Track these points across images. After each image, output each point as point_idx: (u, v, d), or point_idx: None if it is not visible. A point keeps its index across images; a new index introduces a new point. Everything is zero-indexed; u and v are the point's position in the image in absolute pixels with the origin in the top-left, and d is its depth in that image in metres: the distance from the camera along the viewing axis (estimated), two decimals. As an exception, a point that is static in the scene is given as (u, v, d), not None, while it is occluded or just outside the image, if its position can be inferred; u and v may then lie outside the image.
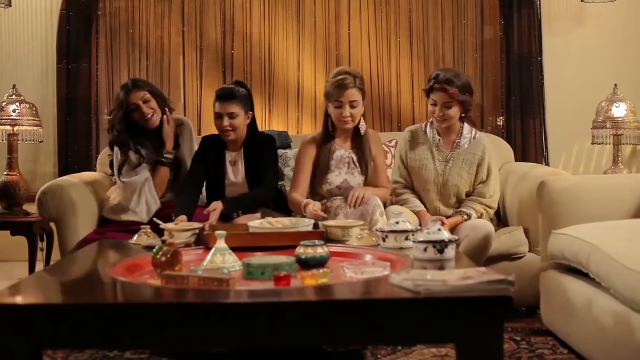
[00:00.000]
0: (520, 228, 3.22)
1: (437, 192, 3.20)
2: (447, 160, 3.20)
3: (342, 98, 3.11)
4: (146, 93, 3.26)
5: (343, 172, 3.21)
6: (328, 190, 3.20)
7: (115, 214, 3.29)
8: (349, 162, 3.21)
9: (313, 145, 3.24)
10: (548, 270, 2.81)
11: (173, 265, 2.15)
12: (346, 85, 3.09)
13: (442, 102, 3.11)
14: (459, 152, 3.20)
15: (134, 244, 2.66)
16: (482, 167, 3.18)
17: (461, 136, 3.22)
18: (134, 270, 2.20)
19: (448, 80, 3.08)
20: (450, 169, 3.19)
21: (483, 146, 3.21)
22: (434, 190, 3.20)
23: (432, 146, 3.22)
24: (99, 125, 4.43)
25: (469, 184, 3.19)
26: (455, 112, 3.14)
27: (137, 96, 3.25)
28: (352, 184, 3.20)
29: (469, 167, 3.18)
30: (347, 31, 4.48)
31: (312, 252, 2.20)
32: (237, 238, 2.48)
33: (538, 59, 4.37)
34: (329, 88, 3.17)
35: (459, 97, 3.09)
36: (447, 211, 3.22)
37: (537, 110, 4.33)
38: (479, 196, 3.17)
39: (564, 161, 4.44)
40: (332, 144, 3.21)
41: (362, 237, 2.58)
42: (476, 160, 3.19)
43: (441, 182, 3.19)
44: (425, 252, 2.22)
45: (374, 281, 1.98)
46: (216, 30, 4.46)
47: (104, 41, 4.46)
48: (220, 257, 2.25)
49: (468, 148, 3.21)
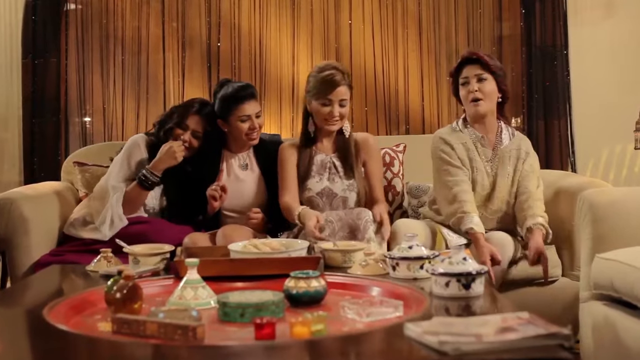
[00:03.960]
0: (552, 247, 2.95)
1: (486, 197, 2.91)
2: (491, 159, 2.94)
3: (331, 96, 2.96)
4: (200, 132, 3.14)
5: (324, 178, 3.05)
6: (308, 198, 3.02)
7: (75, 228, 3.06)
8: (330, 167, 3.06)
9: (293, 149, 3.10)
10: (590, 301, 2.53)
11: (131, 301, 1.91)
12: (336, 82, 2.96)
13: (474, 74, 2.90)
14: (502, 149, 2.94)
15: (91, 271, 2.44)
16: (526, 163, 2.92)
17: (501, 133, 2.97)
18: (83, 308, 1.98)
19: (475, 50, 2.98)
20: (498, 169, 2.92)
21: (526, 141, 3.01)
22: (483, 196, 2.91)
23: (476, 143, 2.94)
24: (68, 127, 4.25)
25: (515, 186, 2.91)
26: (491, 88, 2.90)
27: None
28: (334, 190, 3.02)
29: (515, 165, 2.92)
30: (348, 21, 4.36)
31: (305, 287, 1.96)
32: (213, 265, 2.23)
33: (563, 52, 4.21)
34: (315, 84, 3.00)
35: (492, 63, 2.89)
36: (489, 221, 2.90)
37: (561, 109, 4.19)
38: (525, 190, 2.86)
39: (592, 168, 4.27)
40: (311, 148, 3.08)
41: (366, 264, 2.30)
42: (522, 155, 2.93)
43: (490, 184, 2.91)
44: (447, 287, 1.95)
45: (383, 332, 1.67)
46: (200, 21, 4.34)
47: (74, 33, 4.30)
48: (191, 291, 2.01)
49: (510, 144, 2.96)
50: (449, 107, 4.27)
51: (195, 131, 3.10)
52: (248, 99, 3.04)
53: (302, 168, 3.04)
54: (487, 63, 2.87)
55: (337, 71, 2.97)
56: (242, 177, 3.12)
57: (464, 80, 2.91)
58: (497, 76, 2.89)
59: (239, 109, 3.02)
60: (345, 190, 3.01)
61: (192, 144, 3.10)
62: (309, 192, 3.02)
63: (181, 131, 3.08)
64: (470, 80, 2.88)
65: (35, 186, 3.33)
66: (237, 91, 3.06)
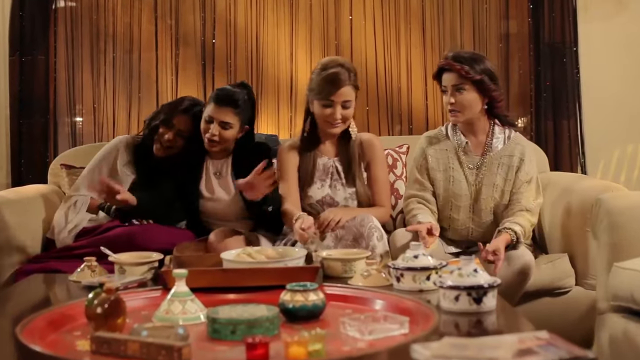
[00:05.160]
0: (565, 256, 2.85)
1: (469, 208, 2.78)
2: (477, 166, 2.78)
3: (333, 96, 2.78)
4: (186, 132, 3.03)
5: (326, 185, 2.89)
6: (308, 205, 2.89)
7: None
8: (332, 172, 2.90)
9: (293, 151, 2.93)
10: (608, 313, 2.43)
11: (114, 317, 1.81)
12: (340, 82, 2.78)
13: (451, 84, 2.71)
14: (491, 156, 2.78)
15: (74, 281, 2.33)
16: (522, 172, 2.75)
17: (492, 136, 2.80)
18: (61, 323, 1.87)
19: (455, 57, 2.70)
20: (483, 178, 2.76)
21: (521, 147, 2.79)
22: (465, 207, 2.77)
23: (459, 150, 2.80)
24: (57, 127, 4.12)
25: (507, 197, 2.77)
26: (469, 98, 2.70)
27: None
28: (335, 198, 2.87)
29: (506, 174, 2.76)
30: (349, 17, 4.25)
31: (302, 300, 1.86)
32: (204, 276, 2.16)
33: (573, 49, 4.07)
34: (317, 82, 2.83)
35: (470, 75, 2.66)
36: (479, 234, 2.80)
37: (571, 109, 4.05)
38: (517, 203, 2.72)
39: (602, 169, 4.19)
40: (314, 152, 2.91)
41: (368, 275, 2.18)
42: (514, 163, 2.76)
43: (473, 194, 2.77)
44: (456, 301, 1.85)
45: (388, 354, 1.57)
46: (194, 17, 4.22)
47: (64, 29, 4.17)
48: (179, 305, 1.92)
49: (502, 150, 2.79)
50: (453, 106, 4.15)
51: (181, 131, 2.99)
52: (219, 102, 2.85)
53: (304, 173, 2.90)
54: (463, 75, 2.68)
55: (342, 69, 2.80)
56: (214, 184, 2.97)
57: (444, 88, 2.76)
58: (479, 83, 2.71)
59: (208, 108, 2.88)
60: (347, 199, 2.87)
61: (176, 143, 2.99)
62: (309, 199, 2.88)
63: (165, 129, 2.98)
64: (447, 90, 2.73)
65: (18, 189, 3.25)
66: (218, 90, 2.94)
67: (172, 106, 3.05)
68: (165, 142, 2.97)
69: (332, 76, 2.77)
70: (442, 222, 2.77)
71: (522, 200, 2.71)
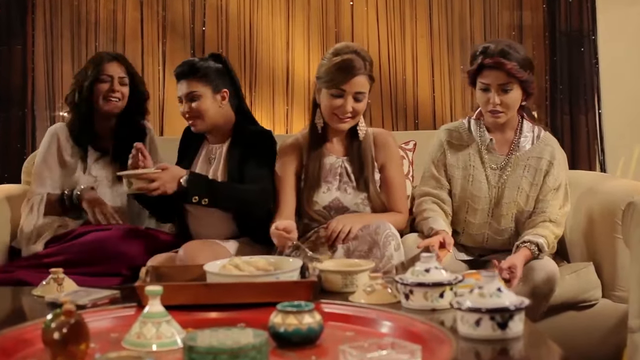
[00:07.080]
0: (590, 265, 2.73)
1: (488, 213, 2.64)
2: (501, 167, 2.65)
3: (345, 86, 2.57)
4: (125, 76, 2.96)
5: (333, 188, 2.69)
6: (314, 212, 2.70)
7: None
8: (340, 173, 2.70)
9: (295, 151, 2.73)
10: None
11: (74, 343, 1.63)
12: (354, 69, 2.57)
13: (497, 83, 2.56)
14: (518, 156, 2.65)
15: (37, 296, 2.15)
16: (550, 177, 2.63)
17: (520, 133, 2.68)
18: (16, 349, 1.71)
19: (503, 52, 2.55)
20: (507, 180, 2.63)
21: (551, 148, 2.68)
22: (483, 211, 2.64)
23: (482, 148, 2.66)
24: (35, 122, 4.07)
25: (531, 203, 2.63)
26: (516, 97, 2.59)
27: (115, 69, 2.93)
28: (345, 203, 2.66)
29: (533, 177, 2.63)
30: (350, 3, 4.20)
31: (296, 323, 1.69)
32: (184, 291, 1.96)
33: (591, 38, 4.05)
34: (327, 68, 2.62)
35: (519, 73, 2.54)
36: (495, 242, 2.67)
37: (589, 102, 4.02)
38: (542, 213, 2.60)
39: (622, 167, 4.12)
40: (320, 150, 2.72)
41: (372, 290, 2.01)
42: (543, 166, 2.63)
43: (494, 198, 2.64)
44: (477, 326, 1.62)
45: None
46: (183, 3, 4.18)
47: (42, 17, 4.12)
48: (152, 327, 1.74)
49: (530, 150, 2.66)
50: (462, 98, 4.10)
51: (121, 77, 2.92)
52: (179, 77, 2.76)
53: (309, 175, 2.69)
54: (512, 74, 2.55)
55: (357, 56, 2.59)
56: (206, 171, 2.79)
57: (485, 86, 2.61)
58: (524, 83, 2.60)
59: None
60: (358, 205, 2.66)
61: (123, 93, 2.93)
62: (316, 205, 2.68)
63: (105, 84, 2.89)
64: (491, 89, 2.58)
65: (-15, 190, 3.06)
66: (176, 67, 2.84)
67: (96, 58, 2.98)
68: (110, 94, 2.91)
69: (345, 63, 2.57)
70: (456, 226, 2.64)
71: (547, 210, 2.58)
